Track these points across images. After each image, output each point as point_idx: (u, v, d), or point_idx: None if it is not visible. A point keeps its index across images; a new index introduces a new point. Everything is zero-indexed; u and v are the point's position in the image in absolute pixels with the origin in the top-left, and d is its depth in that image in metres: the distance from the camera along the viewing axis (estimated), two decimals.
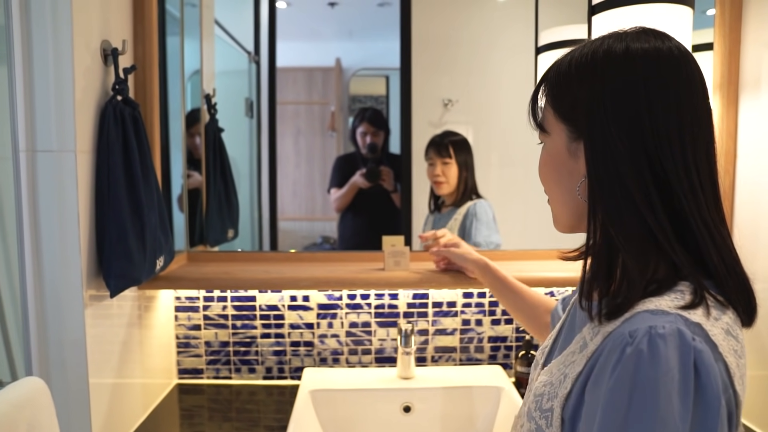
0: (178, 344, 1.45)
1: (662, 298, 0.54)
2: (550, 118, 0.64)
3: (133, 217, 1.06)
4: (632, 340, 0.50)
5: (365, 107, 1.60)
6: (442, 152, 1.55)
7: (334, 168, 1.60)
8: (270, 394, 1.40)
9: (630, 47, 0.57)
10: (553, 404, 0.60)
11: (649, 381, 0.48)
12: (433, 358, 1.48)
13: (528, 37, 1.55)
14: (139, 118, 1.12)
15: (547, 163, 0.67)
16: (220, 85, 1.61)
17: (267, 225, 1.66)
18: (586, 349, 0.58)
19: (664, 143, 0.55)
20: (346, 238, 1.62)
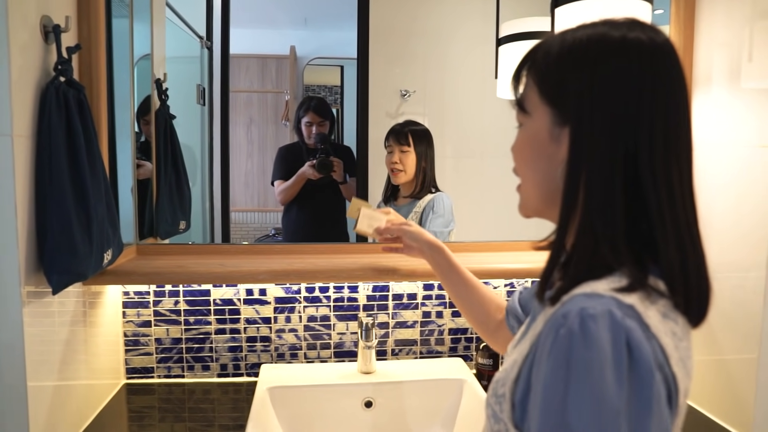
0: (126, 342, 1.38)
1: (599, 282, 0.54)
2: (534, 99, 0.62)
3: (78, 207, 0.99)
4: (564, 321, 0.51)
5: (311, 96, 1.56)
6: (401, 140, 1.53)
7: (277, 159, 1.55)
8: (225, 392, 1.35)
9: (627, 36, 0.57)
10: (505, 389, 0.60)
11: (583, 360, 0.49)
12: (393, 352, 1.46)
13: (487, 29, 1.54)
14: (85, 101, 1.04)
15: (525, 145, 0.65)
16: (170, 70, 1.53)
17: (219, 216, 1.60)
18: (532, 332, 0.60)
19: (648, 136, 0.55)
20: (292, 232, 1.57)
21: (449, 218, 1.54)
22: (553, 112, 0.60)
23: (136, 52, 1.40)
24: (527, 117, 0.64)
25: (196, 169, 1.57)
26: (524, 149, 0.65)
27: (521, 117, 0.65)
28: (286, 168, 1.55)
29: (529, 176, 0.65)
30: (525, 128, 0.65)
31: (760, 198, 1.13)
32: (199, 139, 1.59)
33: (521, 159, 0.66)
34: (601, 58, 0.56)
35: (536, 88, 0.62)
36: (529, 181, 0.66)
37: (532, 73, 0.62)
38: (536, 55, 0.62)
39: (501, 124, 1.59)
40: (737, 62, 1.23)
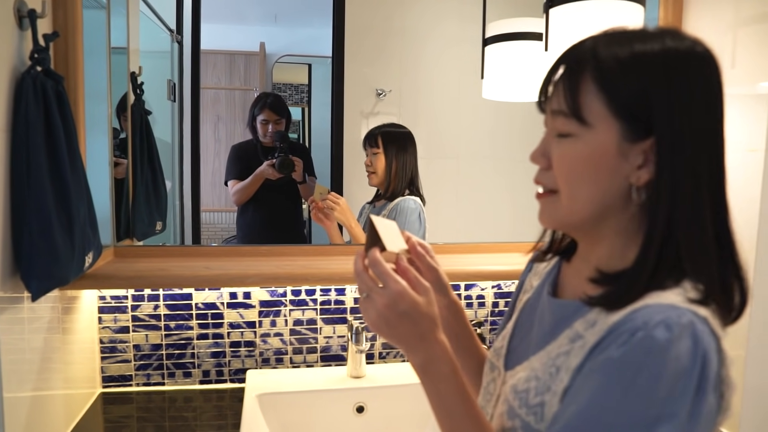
0: (102, 349, 1.30)
1: (667, 293, 0.55)
2: (598, 111, 0.58)
3: (59, 207, 0.92)
4: (645, 326, 0.51)
5: (266, 93, 1.51)
6: (371, 142, 1.50)
7: (231, 158, 1.49)
8: (208, 400, 1.29)
9: (694, 47, 0.58)
10: (543, 398, 0.59)
11: (658, 363, 0.49)
12: (380, 355, 1.44)
13: (464, 30, 1.54)
14: (64, 93, 0.97)
15: (582, 159, 0.59)
16: (143, 64, 1.46)
17: (189, 217, 1.54)
18: (581, 341, 0.58)
19: (722, 149, 0.58)
20: (247, 233, 1.51)
21: (415, 224, 1.51)
22: (624, 126, 0.57)
23: (115, 44, 1.33)
24: (586, 129, 0.59)
25: (165, 168, 1.51)
26: (580, 163, 0.59)
27: (574, 127, 0.59)
28: (241, 167, 1.50)
29: (581, 191, 0.60)
30: (582, 141, 0.59)
31: (746, 200, 1.15)
32: (169, 137, 1.53)
33: (573, 172, 0.60)
34: (684, 73, 0.56)
35: (605, 99, 0.57)
36: (578, 196, 0.61)
37: (601, 83, 0.58)
38: (601, 64, 0.58)
39: (479, 124, 1.59)
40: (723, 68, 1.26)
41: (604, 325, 0.56)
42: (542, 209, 0.66)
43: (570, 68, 0.60)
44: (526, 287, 0.82)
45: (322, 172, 1.55)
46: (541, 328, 0.68)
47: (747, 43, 1.19)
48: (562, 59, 0.63)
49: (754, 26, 1.18)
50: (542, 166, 0.64)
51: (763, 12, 1.15)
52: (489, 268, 1.34)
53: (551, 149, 0.63)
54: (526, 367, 0.66)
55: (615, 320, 0.55)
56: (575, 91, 0.58)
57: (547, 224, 0.67)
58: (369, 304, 0.64)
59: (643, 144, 0.57)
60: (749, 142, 1.15)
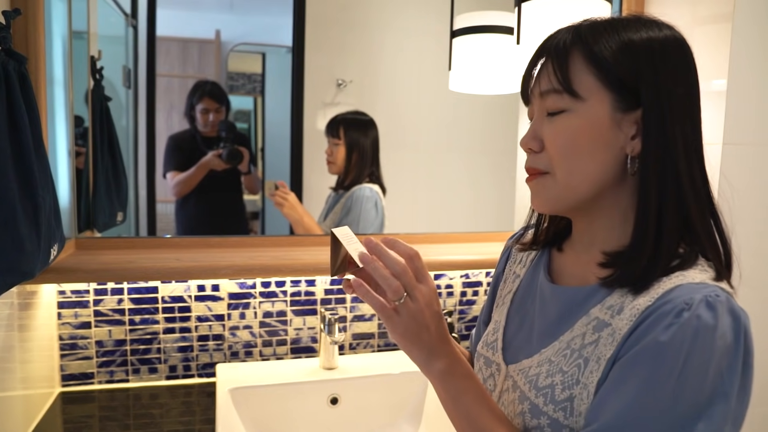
0: (62, 346, 1.24)
1: (691, 272, 0.57)
2: (589, 84, 0.60)
3: (24, 197, 0.87)
4: (688, 306, 0.52)
5: (204, 81, 1.46)
6: (332, 131, 1.50)
7: (169, 149, 1.44)
8: (174, 396, 1.25)
9: (675, 34, 0.62)
10: (572, 392, 0.58)
11: (707, 343, 0.51)
12: (351, 346, 1.44)
13: (426, 22, 1.55)
14: (27, 76, 0.91)
15: (579, 132, 0.60)
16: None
17: (144, 207, 1.48)
18: (608, 328, 0.58)
19: (700, 120, 0.62)
20: (189, 226, 1.46)
21: (361, 213, 1.51)
22: (615, 97, 0.59)
23: (65, 27, 1.26)
24: (579, 102, 0.60)
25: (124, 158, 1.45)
26: (577, 136, 0.60)
27: (567, 102, 0.61)
28: (181, 158, 1.45)
29: (579, 165, 0.61)
30: (576, 114, 0.60)
31: None
32: (125, 125, 1.47)
33: (570, 146, 0.61)
34: (669, 52, 0.60)
35: (595, 71, 0.59)
36: (576, 170, 0.61)
37: (589, 58, 0.60)
38: (590, 41, 0.60)
39: (440, 115, 1.60)
40: None
41: (634, 310, 0.56)
42: (536, 192, 0.66)
43: (556, 51, 0.62)
44: (507, 276, 0.81)
45: (280, 163, 1.52)
46: (545, 318, 0.67)
47: (703, 42, 1.25)
48: (543, 48, 0.65)
49: (709, 26, 1.24)
50: (535, 149, 0.64)
51: (717, 13, 1.21)
52: (458, 258, 1.36)
53: (542, 131, 0.64)
54: (539, 360, 0.64)
55: (648, 304, 0.55)
56: (565, 68, 0.61)
57: (543, 207, 0.66)
58: (403, 309, 0.60)
59: (635, 114, 0.60)
60: (707, 136, 1.22)
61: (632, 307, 0.57)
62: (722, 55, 1.20)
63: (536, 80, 0.65)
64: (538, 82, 0.64)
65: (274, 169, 1.53)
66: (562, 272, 0.71)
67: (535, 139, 0.64)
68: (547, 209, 0.66)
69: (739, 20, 1.17)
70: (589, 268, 0.66)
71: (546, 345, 0.65)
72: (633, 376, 0.53)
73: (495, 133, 1.69)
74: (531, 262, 0.77)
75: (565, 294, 0.66)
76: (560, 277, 0.71)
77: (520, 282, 0.77)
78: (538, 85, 0.64)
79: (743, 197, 1.21)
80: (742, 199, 1.21)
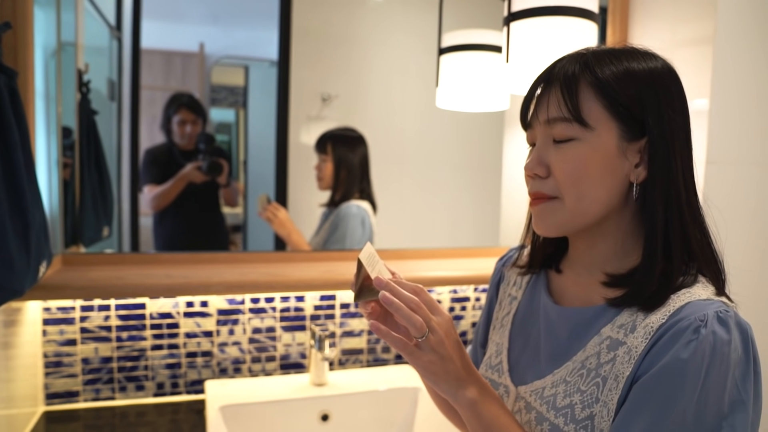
0: (46, 364, 1.22)
1: (695, 288, 0.60)
2: (597, 114, 0.62)
3: (14, 214, 0.85)
4: (704, 323, 0.55)
5: (180, 93, 1.45)
6: (320, 148, 1.50)
7: (146, 162, 1.42)
8: (162, 414, 1.24)
9: (668, 64, 0.66)
10: (593, 411, 0.60)
11: (725, 357, 0.55)
12: (340, 362, 1.43)
13: (411, 39, 1.57)
14: (17, 90, 0.90)
15: (587, 159, 0.62)
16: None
17: (128, 221, 1.47)
18: (624, 347, 0.60)
19: (691, 147, 0.65)
20: (167, 241, 1.44)
21: (347, 230, 1.51)
22: (621, 127, 0.62)
23: (51, 40, 1.25)
24: (588, 131, 0.62)
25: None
26: (587, 165, 0.62)
27: (576, 131, 0.62)
28: (158, 171, 1.43)
29: (588, 192, 0.62)
30: (585, 143, 0.62)
31: None
32: (109, 138, 1.45)
33: (579, 173, 0.62)
34: (670, 80, 0.63)
35: (604, 102, 0.62)
36: (585, 197, 0.63)
37: (596, 88, 0.62)
38: (597, 72, 0.62)
39: (426, 131, 1.62)
40: None
41: (648, 328, 0.58)
42: (542, 216, 0.66)
43: (565, 80, 0.63)
44: (501, 298, 0.82)
45: (264, 176, 1.52)
46: (554, 339, 0.68)
47: (685, 61, 1.28)
48: (550, 75, 0.66)
49: (689, 48, 1.27)
50: (542, 175, 0.65)
51: (697, 36, 1.25)
52: (446, 274, 1.37)
53: (548, 158, 0.64)
54: (552, 381, 0.65)
55: (662, 321, 0.58)
56: (575, 97, 0.62)
57: (550, 231, 0.66)
58: (425, 343, 0.60)
59: (639, 143, 0.63)
60: (708, 154, 1.25)
61: (645, 325, 0.59)
62: (704, 74, 1.23)
63: (541, 107, 0.65)
64: (544, 109, 0.65)
65: (257, 182, 1.53)
66: (564, 293, 0.72)
67: (541, 165, 0.65)
68: (554, 233, 0.67)
69: (719, 42, 1.21)
70: (591, 288, 0.67)
71: (559, 365, 0.66)
72: (657, 394, 0.55)
73: (481, 150, 1.71)
74: (527, 284, 0.78)
75: (572, 315, 0.67)
76: (562, 298, 0.72)
77: (518, 304, 0.78)
78: (545, 112, 0.65)
79: (725, 215, 1.24)
80: (724, 217, 1.24)
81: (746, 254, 1.27)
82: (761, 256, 1.28)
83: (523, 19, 1.23)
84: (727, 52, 1.21)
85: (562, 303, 0.71)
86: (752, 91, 1.24)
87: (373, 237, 1.54)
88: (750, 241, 1.27)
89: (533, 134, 0.68)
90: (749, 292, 1.27)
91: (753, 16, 1.22)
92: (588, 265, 0.69)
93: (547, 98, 0.65)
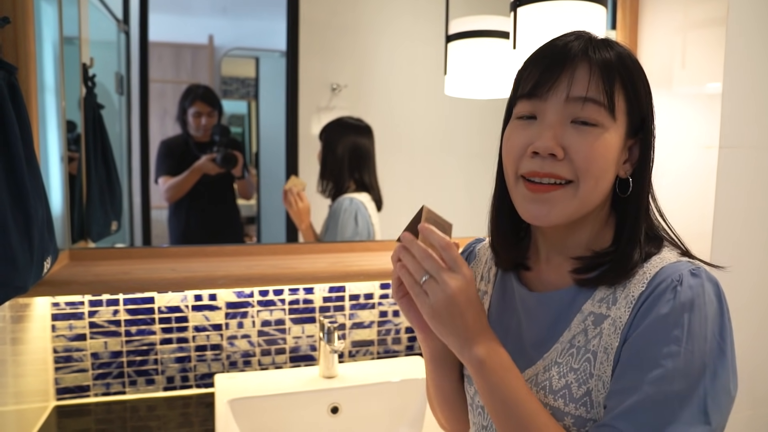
0: (56, 359, 1.22)
1: (664, 253, 0.64)
2: (621, 108, 0.63)
3: (16, 208, 0.85)
4: (679, 281, 0.58)
5: (197, 84, 1.44)
6: (319, 137, 1.48)
7: (161, 154, 1.41)
8: (172, 407, 1.24)
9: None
10: (589, 386, 0.61)
11: (702, 309, 0.57)
12: (350, 353, 1.42)
13: (419, 26, 1.54)
14: (17, 85, 0.90)
15: (608, 148, 0.62)
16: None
17: (139, 214, 1.47)
18: (608, 320, 0.61)
19: None
20: (184, 233, 1.43)
21: (338, 225, 1.48)
22: (628, 124, 0.64)
23: (55, 34, 1.24)
24: (611, 121, 0.62)
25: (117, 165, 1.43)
26: (607, 154, 0.62)
27: (606, 119, 0.61)
28: (173, 163, 1.42)
29: (602, 183, 0.63)
30: (609, 132, 0.62)
31: (702, 195, 1.21)
32: (117, 132, 1.45)
33: (601, 165, 0.62)
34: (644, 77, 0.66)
35: (627, 98, 0.63)
36: (599, 189, 0.63)
37: (630, 85, 0.63)
38: (625, 66, 0.63)
39: (436, 119, 1.59)
40: (674, 68, 1.32)
41: (629, 298, 0.60)
42: (552, 203, 0.63)
43: (604, 65, 0.62)
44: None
45: (275, 167, 1.51)
46: (536, 326, 0.68)
47: (697, 44, 1.25)
48: (566, 53, 0.62)
49: (703, 29, 1.24)
50: (560, 156, 0.61)
51: (710, 17, 1.21)
52: None
53: (566, 138, 0.61)
54: (544, 365, 0.65)
55: (642, 289, 0.60)
56: (611, 85, 0.61)
57: (558, 219, 0.63)
58: (435, 288, 0.61)
59: (631, 141, 0.65)
60: (703, 139, 1.21)
61: (626, 296, 0.61)
62: (717, 57, 1.19)
63: (562, 82, 0.61)
64: (567, 85, 0.61)
65: (269, 173, 1.52)
66: (537, 280, 0.72)
67: (558, 145, 0.61)
68: (556, 222, 0.64)
69: (732, 23, 1.17)
70: (564, 272, 0.68)
71: (547, 349, 0.66)
72: (644, 352, 0.57)
73: (491, 137, 1.68)
74: (495, 276, 0.78)
75: (551, 299, 0.68)
76: (536, 285, 0.72)
77: (490, 299, 0.77)
78: (574, 88, 0.61)
79: (739, 200, 1.21)
80: (739, 201, 1.21)
81: (760, 238, 1.24)
82: None
83: (531, 4, 1.20)
84: (740, 34, 1.18)
85: (537, 290, 0.71)
86: (766, 73, 1.20)
87: (372, 229, 1.51)
88: (762, 225, 1.23)
89: (539, 107, 0.63)
90: (761, 273, 1.24)
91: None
92: (560, 251, 0.69)
93: (570, 75, 0.61)
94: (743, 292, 1.23)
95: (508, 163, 0.66)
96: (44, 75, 1.15)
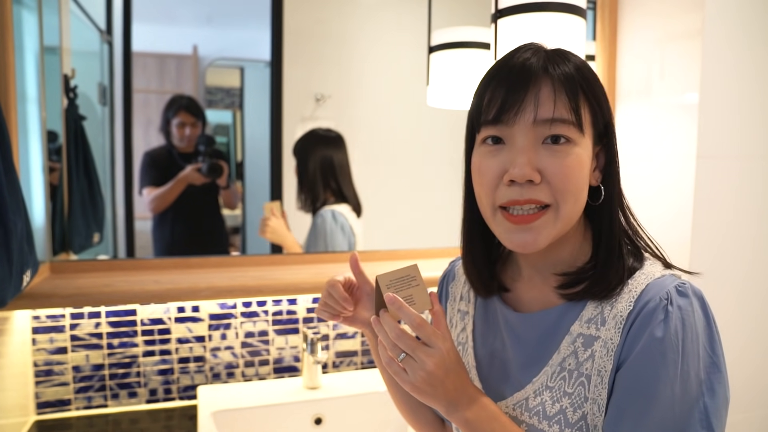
0: (37, 372, 1.21)
1: (646, 267, 0.63)
2: (587, 120, 0.62)
3: None
4: (668, 300, 0.58)
5: (180, 95, 1.44)
6: (293, 153, 1.48)
7: (145, 165, 1.41)
8: (155, 420, 1.23)
9: None
10: (584, 410, 0.60)
11: (693, 327, 0.58)
12: (334, 364, 1.42)
13: (402, 37, 1.55)
14: None
15: (581, 164, 0.61)
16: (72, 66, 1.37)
17: (122, 225, 1.46)
18: (599, 341, 0.60)
19: None
20: (167, 244, 1.43)
21: (332, 237, 1.48)
22: (594, 134, 0.64)
23: (36, 44, 1.24)
24: (580, 136, 0.61)
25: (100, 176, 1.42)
26: (582, 170, 0.61)
27: (574, 133, 0.60)
28: (157, 173, 1.42)
29: (581, 198, 0.62)
30: (579, 147, 0.61)
31: (680, 205, 1.23)
32: (101, 142, 1.44)
33: (578, 180, 0.61)
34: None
35: (591, 109, 0.62)
36: (578, 207, 0.62)
37: (592, 95, 0.62)
38: (588, 80, 0.62)
39: (418, 130, 1.60)
40: (653, 78, 1.34)
41: (618, 318, 0.60)
42: (538, 230, 0.61)
43: (566, 80, 0.60)
44: (451, 316, 0.80)
45: (259, 178, 1.51)
46: (523, 347, 0.67)
47: (675, 55, 1.27)
48: (527, 72, 0.60)
49: (679, 42, 1.26)
50: (537, 181, 0.60)
51: (687, 29, 1.24)
52: (438, 274, 1.35)
53: (540, 161, 0.60)
54: (533, 389, 0.64)
55: (630, 309, 0.59)
56: (576, 100, 0.60)
57: (545, 244, 0.62)
58: (414, 365, 0.60)
59: (596, 149, 0.65)
60: (681, 149, 1.24)
61: (615, 316, 0.60)
62: (694, 68, 1.22)
63: (528, 104, 0.60)
64: (532, 107, 0.59)
65: (254, 183, 1.52)
66: (521, 300, 0.70)
67: (534, 170, 0.60)
68: (546, 244, 0.63)
69: (708, 36, 1.20)
70: (547, 290, 0.67)
71: (536, 372, 0.65)
72: (642, 377, 0.57)
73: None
74: (476, 297, 0.76)
75: (536, 319, 0.66)
76: (520, 305, 0.70)
77: (473, 319, 0.76)
78: (540, 111, 0.59)
79: (716, 210, 1.23)
80: (717, 210, 1.23)
81: (737, 247, 1.26)
82: (752, 249, 1.27)
83: (511, 16, 1.22)
84: (716, 46, 1.20)
85: (521, 310, 0.70)
86: (742, 84, 1.23)
87: (354, 241, 1.52)
88: (739, 233, 1.26)
89: (506, 132, 0.61)
90: (738, 283, 1.27)
91: (740, 9, 1.21)
92: (541, 269, 0.68)
93: (535, 97, 0.59)
94: (721, 300, 1.24)
95: (483, 194, 0.64)
96: (25, 85, 1.14)
